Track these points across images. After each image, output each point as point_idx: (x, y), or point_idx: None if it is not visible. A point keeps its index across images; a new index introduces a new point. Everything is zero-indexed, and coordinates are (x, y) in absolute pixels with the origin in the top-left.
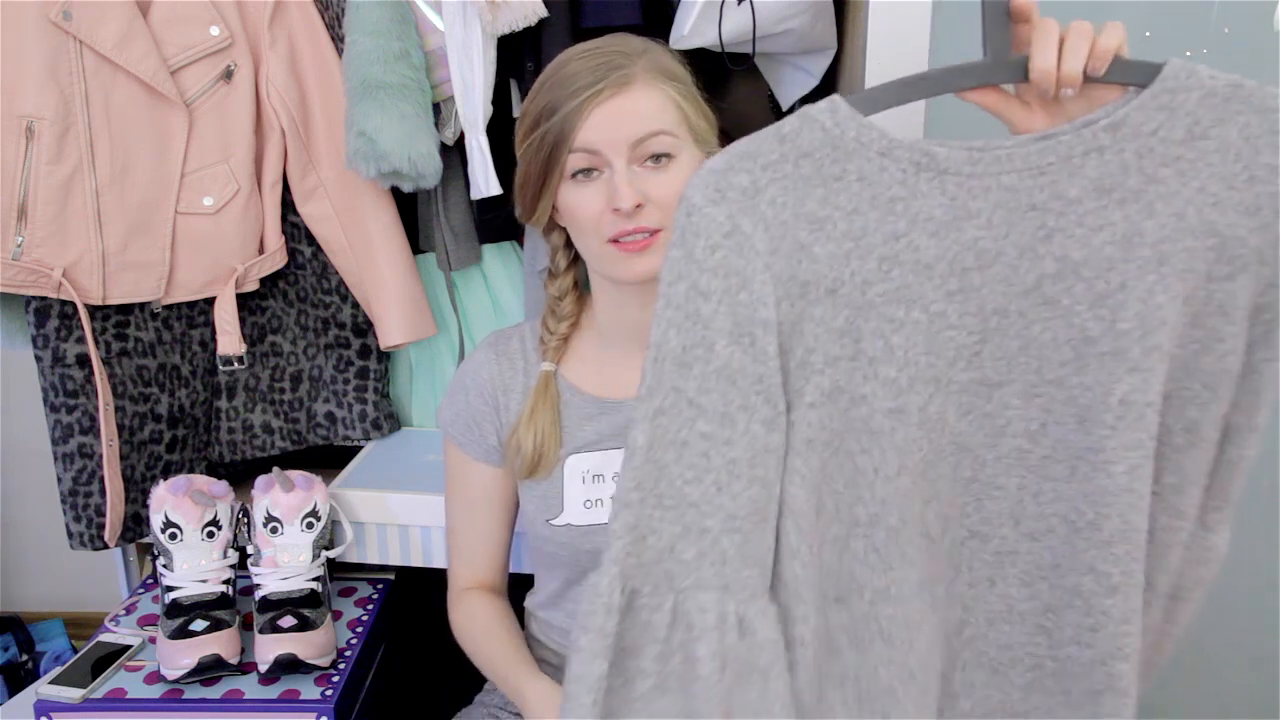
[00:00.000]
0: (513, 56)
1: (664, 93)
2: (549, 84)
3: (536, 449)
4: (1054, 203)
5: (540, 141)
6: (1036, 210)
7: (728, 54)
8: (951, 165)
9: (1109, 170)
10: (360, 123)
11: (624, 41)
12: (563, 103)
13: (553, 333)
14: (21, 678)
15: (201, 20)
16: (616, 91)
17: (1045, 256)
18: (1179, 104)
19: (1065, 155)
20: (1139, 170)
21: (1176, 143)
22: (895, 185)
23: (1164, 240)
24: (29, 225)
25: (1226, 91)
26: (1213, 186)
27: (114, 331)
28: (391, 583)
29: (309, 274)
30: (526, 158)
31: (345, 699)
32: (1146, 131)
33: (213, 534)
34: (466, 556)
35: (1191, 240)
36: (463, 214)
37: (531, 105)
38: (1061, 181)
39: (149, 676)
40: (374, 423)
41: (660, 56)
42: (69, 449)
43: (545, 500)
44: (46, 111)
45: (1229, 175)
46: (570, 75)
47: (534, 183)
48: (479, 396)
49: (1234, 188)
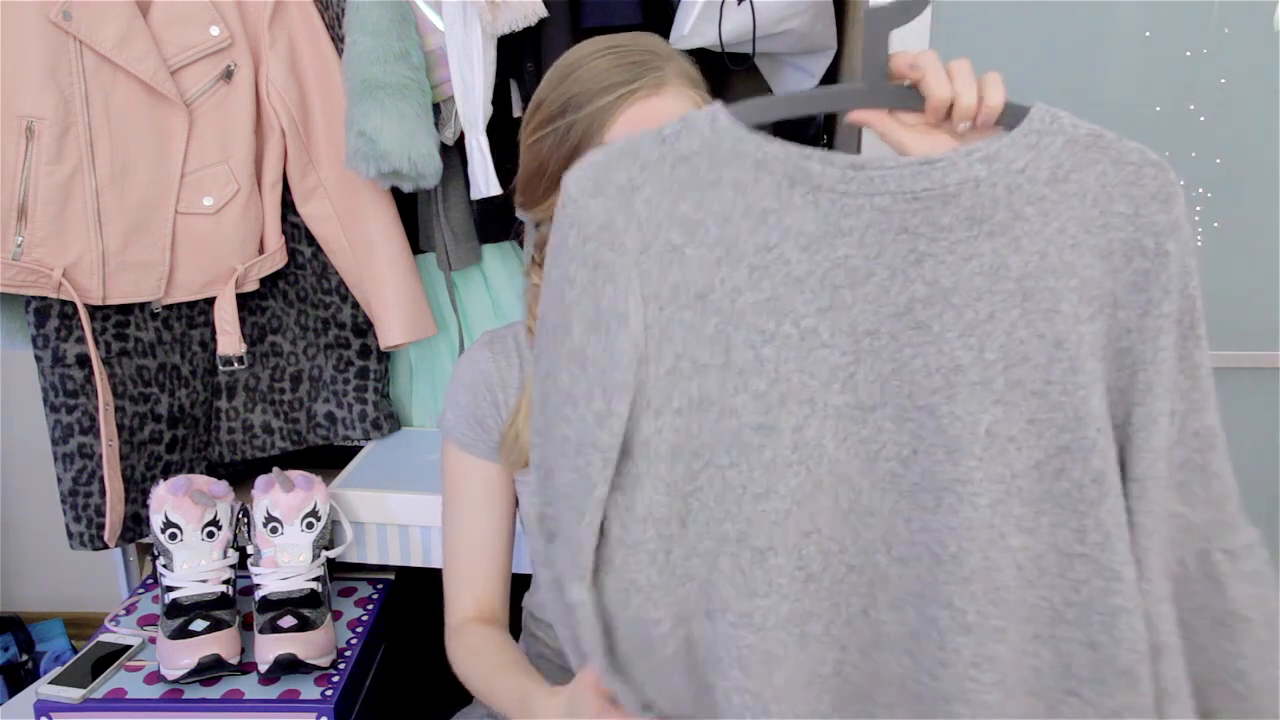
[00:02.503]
0: (513, 56)
1: (691, 100)
2: (575, 75)
3: None
4: (926, 228)
5: (566, 131)
6: (908, 234)
7: (728, 54)
8: (825, 182)
9: (981, 202)
10: (360, 123)
11: (651, 41)
12: (594, 97)
13: None
14: (21, 678)
15: (201, 20)
16: (652, 92)
17: (916, 280)
18: (1044, 145)
19: (941, 183)
20: (1008, 205)
21: (1041, 183)
22: (769, 197)
23: (1027, 276)
24: (29, 225)
25: (1087, 140)
26: (1071, 229)
27: (114, 331)
28: (391, 583)
29: (309, 274)
30: (543, 145)
31: (345, 699)
32: (1016, 169)
33: (213, 534)
34: (467, 571)
35: (1053, 280)
36: (463, 214)
37: (553, 94)
38: (935, 208)
39: (149, 676)
40: (374, 423)
41: (685, 63)
42: (69, 449)
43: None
44: (46, 111)
45: (1086, 219)
46: (601, 70)
47: (551, 173)
48: (479, 393)
49: (1090, 231)
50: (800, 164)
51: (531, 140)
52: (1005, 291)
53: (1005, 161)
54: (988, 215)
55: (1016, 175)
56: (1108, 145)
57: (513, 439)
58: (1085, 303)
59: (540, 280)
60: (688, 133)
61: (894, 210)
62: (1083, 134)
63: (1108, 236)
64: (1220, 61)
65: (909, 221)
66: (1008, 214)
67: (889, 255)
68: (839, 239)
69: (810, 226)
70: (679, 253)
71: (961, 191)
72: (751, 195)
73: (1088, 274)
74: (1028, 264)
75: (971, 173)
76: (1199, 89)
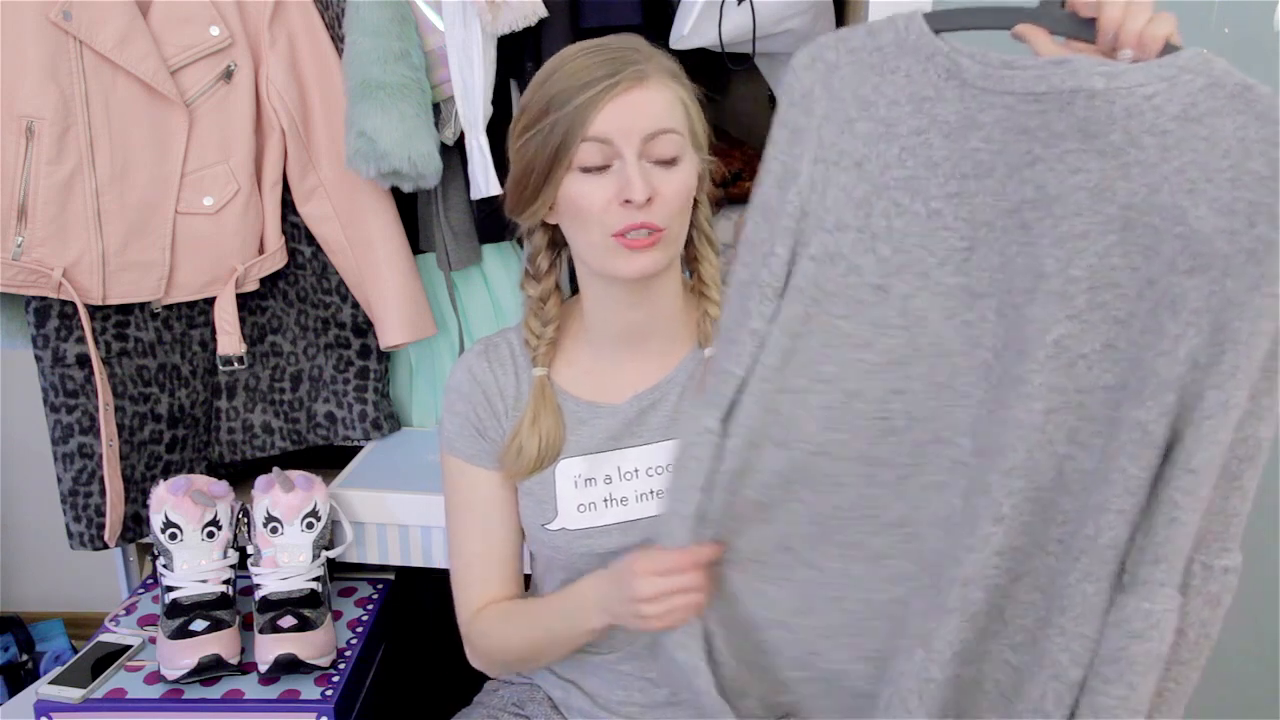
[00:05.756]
0: (513, 56)
1: (675, 92)
2: (555, 76)
3: (541, 453)
4: (1041, 132)
5: (549, 131)
6: (1026, 135)
7: (728, 54)
8: (970, 77)
9: (1095, 116)
10: (360, 123)
11: (631, 40)
12: (575, 93)
13: (538, 336)
14: (21, 678)
15: (201, 20)
16: (633, 85)
17: (1029, 182)
18: (1183, 81)
19: (1058, 87)
20: (1124, 128)
21: (1169, 116)
22: (928, 87)
23: (1132, 206)
24: (29, 225)
25: (1235, 89)
26: (1192, 172)
27: (114, 331)
28: (391, 583)
29: (309, 274)
30: (529, 148)
31: (345, 699)
32: (1142, 94)
33: (213, 534)
34: (480, 575)
35: (1159, 219)
36: (463, 214)
37: (535, 96)
38: (1051, 113)
39: (149, 676)
40: (374, 423)
41: (667, 59)
42: (69, 449)
43: (540, 505)
44: (46, 111)
45: (1211, 168)
46: (581, 68)
47: (538, 174)
48: (479, 401)
49: (1213, 182)
50: (956, 59)
51: (518, 145)
52: (1105, 215)
53: (1129, 83)
54: (1101, 132)
55: (1141, 100)
56: (1256, 98)
57: (515, 452)
58: (1186, 255)
59: (534, 291)
60: (888, 28)
61: (1018, 109)
62: (1232, 82)
63: (1234, 194)
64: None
65: (1028, 123)
66: (1123, 137)
67: (1009, 153)
68: (972, 131)
69: (953, 117)
70: (851, 124)
71: (1075, 100)
72: (917, 83)
73: (1198, 226)
74: (1135, 194)
75: (1089, 83)
76: None
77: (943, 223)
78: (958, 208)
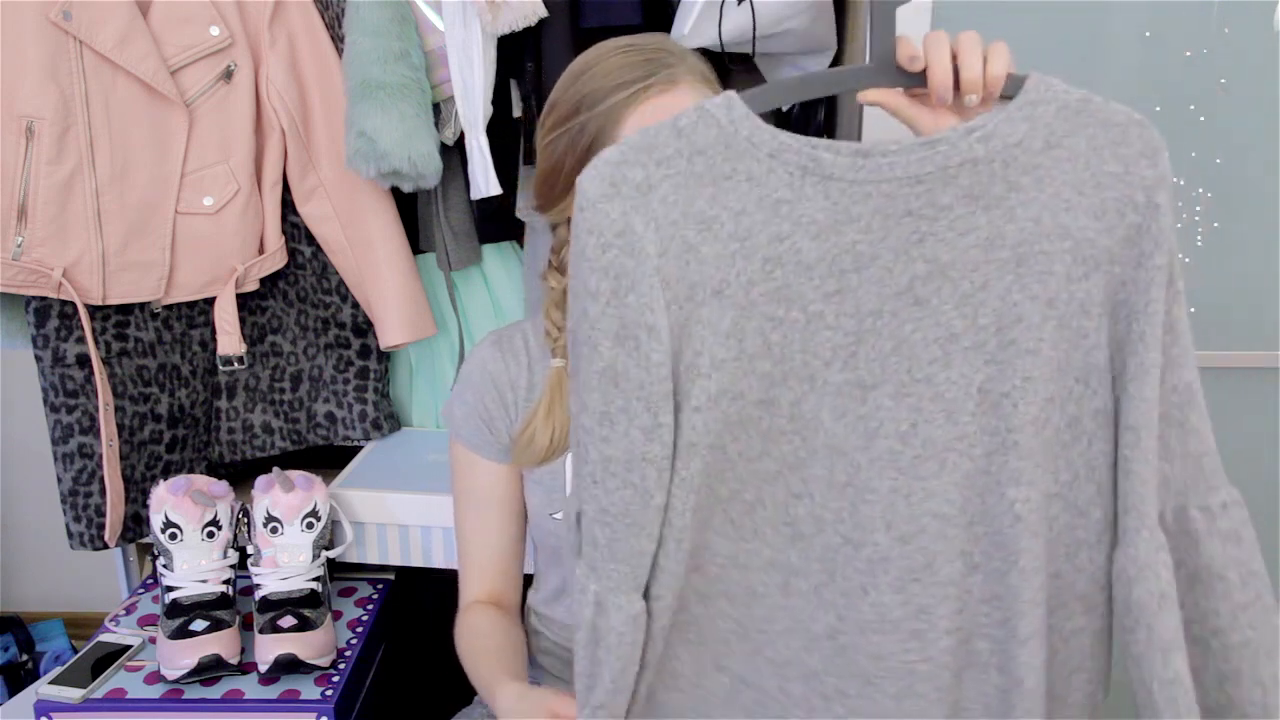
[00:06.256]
0: (513, 56)
1: (704, 96)
2: (587, 75)
3: (553, 444)
4: (928, 209)
5: (580, 130)
6: (911, 216)
7: (728, 54)
8: (836, 171)
9: (979, 179)
10: (360, 123)
11: (664, 41)
12: (608, 94)
13: (559, 327)
14: (21, 678)
15: (201, 20)
16: (665, 89)
17: (917, 259)
18: (1039, 116)
19: (943, 165)
20: (1004, 179)
21: (1036, 152)
22: (782, 188)
23: (1022, 243)
24: (29, 225)
25: (1077, 105)
26: (1065, 193)
27: (114, 331)
28: (391, 583)
29: (309, 274)
30: (559, 145)
31: (345, 699)
32: (1012, 142)
33: (213, 534)
34: (477, 564)
35: (1047, 243)
36: (463, 214)
37: (567, 94)
38: (936, 190)
39: (149, 676)
40: (374, 423)
41: (697, 61)
42: (69, 449)
43: (548, 495)
44: (46, 111)
45: (1078, 182)
46: (615, 68)
47: (567, 172)
48: (488, 393)
49: (1083, 193)
50: (812, 154)
51: (546, 142)
52: (999, 260)
53: (1002, 137)
54: (985, 191)
55: (1012, 149)
56: (1096, 108)
57: (526, 441)
58: (1079, 262)
59: (557, 284)
60: (704, 123)
61: (899, 194)
62: (1074, 100)
63: (1100, 196)
64: (1220, 61)
65: (912, 205)
66: (1004, 186)
67: (893, 238)
68: (847, 226)
69: (820, 215)
70: (695, 251)
71: (961, 172)
72: (765, 186)
73: (1081, 235)
74: (1023, 231)
75: (971, 153)
76: (1199, 89)
77: (825, 323)
78: (840, 304)
